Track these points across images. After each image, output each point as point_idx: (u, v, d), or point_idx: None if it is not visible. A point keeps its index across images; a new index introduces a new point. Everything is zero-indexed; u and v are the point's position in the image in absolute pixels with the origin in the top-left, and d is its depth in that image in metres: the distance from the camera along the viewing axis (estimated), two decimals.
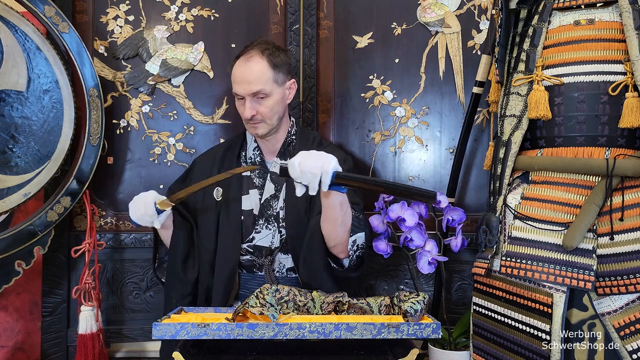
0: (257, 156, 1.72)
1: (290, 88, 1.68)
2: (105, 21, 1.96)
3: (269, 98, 1.60)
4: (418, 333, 1.27)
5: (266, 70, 1.59)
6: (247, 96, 1.59)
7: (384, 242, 1.64)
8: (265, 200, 1.67)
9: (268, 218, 1.66)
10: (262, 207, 1.67)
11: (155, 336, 1.27)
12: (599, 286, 1.27)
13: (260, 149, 1.73)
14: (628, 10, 1.32)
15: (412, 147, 1.99)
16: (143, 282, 1.97)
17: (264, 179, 1.70)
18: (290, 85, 1.68)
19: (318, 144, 1.73)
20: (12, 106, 1.67)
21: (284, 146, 1.71)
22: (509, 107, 1.48)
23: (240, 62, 1.61)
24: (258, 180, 1.70)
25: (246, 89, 1.58)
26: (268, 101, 1.60)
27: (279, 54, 1.63)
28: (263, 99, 1.60)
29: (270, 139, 1.69)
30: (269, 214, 1.66)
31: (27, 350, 1.93)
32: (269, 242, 1.65)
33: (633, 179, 1.31)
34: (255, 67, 1.58)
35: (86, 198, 1.79)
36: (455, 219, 1.64)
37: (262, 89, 1.58)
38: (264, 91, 1.58)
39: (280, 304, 1.37)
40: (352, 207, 1.53)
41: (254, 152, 1.72)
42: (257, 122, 1.62)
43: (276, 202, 1.67)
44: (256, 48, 1.61)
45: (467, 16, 1.96)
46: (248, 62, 1.59)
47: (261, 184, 1.69)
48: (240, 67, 1.60)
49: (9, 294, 1.89)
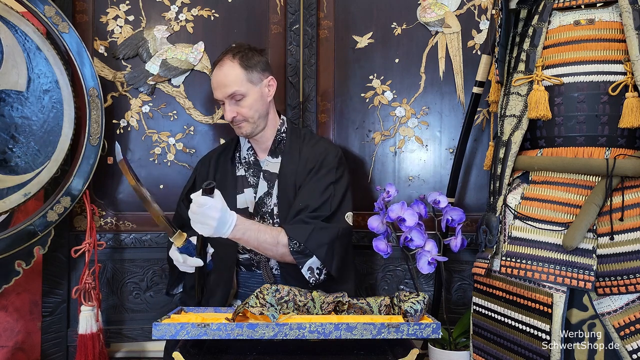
0: (251, 155, 1.76)
1: (270, 85, 1.71)
2: (105, 21, 1.96)
3: (247, 98, 1.65)
4: (418, 333, 1.27)
5: (238, 72, 1.64)
6: (225, 99, 1.66)
7: (384, 242, 1.64)
8: (260, 198, 1.70)
9: (263, 215, 1.69)
10: (257, 204, 1.70)
11: (155, 336, 1.27)
12: (599, 286, 1.27)
13: (254, 148, 1.76)
14: (628, 10, 1.32)
15: (412, 147, 1.99)
16: (143, 282, 1.97)
17: (257, 178, 1.72)
18: (268, 82, 1.71)
19: (308, 139, 1.76)
20: (12, 106, 1.67)
21: (274, 144, 1.74)
22: (509, 107, 1.48)
23: (215, 69, 1.68)
24: (252, 179, 1.73)
25: (222, 92, 1.65)
26: (246, 101, 1.65)
27: (252, 55, 1.68)
28: (240, 100, 1.65)
29: (259, 137, 1.73)
30: (264, 211, 1.69)
31: (27, 350, 1.93)
32: None
33: (633, 179, 1.31)
34: (227, 71, 1.64)
35: (86, 198, 1.79)
36: (455, 219, 1.64)
37: (237, 90, 1.63)
38: (239, 92, 1.63)
39: (280, 304, 1.37)
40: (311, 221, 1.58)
41: (248, 152, 1.76)
42: (240, 123, 1.67)
43: (270, 199, 1.69)
44: (228, 53, 1.67)
45: (467, 16, 1.96)
46: (221, 67, 1.66)
47: (255, 182, 1.72)
48: (216, 73, 1.67)
49: (9, 294, 1.89)
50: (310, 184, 1.64)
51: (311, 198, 1.62)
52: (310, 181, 1.65)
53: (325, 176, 1.66)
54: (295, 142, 1.74)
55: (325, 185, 1.64)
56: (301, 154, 1.71)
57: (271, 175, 1.71)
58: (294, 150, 1.73)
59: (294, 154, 1.72)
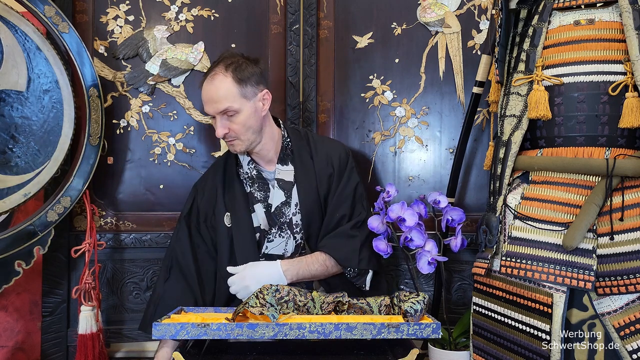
0: (252, 169, 1.69)
1: (264, 99, 1.62)
2: (105, 21, 1.96)
3: (240, 114, 1.56)
4: (418, 333, 1.27)
5: (231, 87, 1.54)
6: (216, 115, 1.56)
7: (384, 242, 1.64)
8: (277, 208, 1.66)
9: (281, 226, 1.65)
10: (274, 215, 1.66)
11: (155, 336, 1.27)
12: (599, 286, 1.27)
13: (255, 161, 1.70)
14: (628, 10, 1.32)
15: (412, 147, 1.99)
16: (143, 282, 1.97)
17: (265, 192, 1.68)
18: (262, 96, 1.61)
19: (313, 140, 1.74)
20: (12, 106, 1.67)
21: (282, 151, 1.69)
22: (509, 107, 1.48)
23: (206, 81, 1.57)
24: (259, 193, 1.68)
25: (214, 107, 1.55)
26: (239, 117, 1.56)
27: (246, 66, 1.58)
28: (233, 116, 1.56)
29: (258, 151, 1.66)
30: (282, 221, 1.65)
31: (27, 350, 1.93)
32: (282, 250, 1.65)
33: (633, 179, 1.31)
34: (220, 85, 1.54)
35: (86, 198, 1.79)
36: (455, 219, 1.64)
37: (230, 107, 1.54)
38: (231, 108, 1.54)
39: (280, 304, 1.37)
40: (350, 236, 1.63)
41: (249, 166, 1.70)
42: (232, 140, 1.59)
43: (288, 209, 1.66)
44: (220, 64, 1.57)
45: (467, 16, 1.96)
46: (213, 80, 1.55)
47: (263, 196, 1.68)
48: (206, 86, 1.57)
49: (9, 294, 1.89)
50: (339, 191, 1.65)
51: (345, 206, 1.64)
52: (338, 188, 1.66)
53: (350, 179, 1.67)
54: (302, 146, 1.70)
55: (353, 188, 1.66)
56: (313, 159, 1.68)
57: (286, 183, 1.66)
58: (304, 155, 1.69)
59: (305, 159, 1.68)
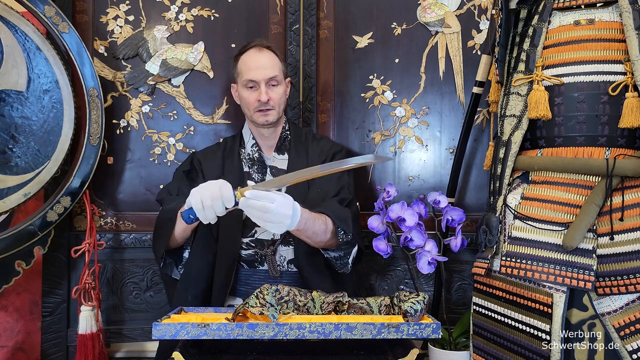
0: (255, 152, 1.75)
1: (288, 86, 1.79)
2: (105, 21, 1.96)
3: (279, 86, 1.70)
4: (418, 333, 1.27)
5: (277, 60, 1.71)
6: (262, 81, 1.66)
7: (384, 242, 1.64)
8: None
9: None
10: None
11: (155, 336, 1.27)
12: (599, 286, 1.27)
13: (259, 145, 1.76)
14: (628, 10, 1.32)
15: (412, 147, 1.99)
16: (143, 282, 1.97)
17: (263, 174, 1.72)
18: (287, 82, 1.78)
19: (312, 137, 1.80)
20: (12, 106, 1.67)
21: (280, 141, 1.76)
22: (509, 107, 1.48)
23: (252, 52, 1.69)
24: (257, 175, 1.73)
25: (263, 73, 1.65)
26: (279, 89, 1.70)
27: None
28: (275, 87, 1.69)
29: (271, 132, 1.75)
30: None
31: (27, 350, 1.93)
32: (271, 235, 1.66)
33: (633, 179, 1.31)
34: (268, 56, 1.69)
35: (86, 198, 1.79)
36: (455, 219, 1.64)
37: (277, 76, 1.68)
38: (277, 78, 1.68)
39: (280, 304, 1.37)
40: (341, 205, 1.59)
41: (252, 149, 1.76)
42: (269, 109, 1.68)
43: None
44: (263, 43, 1.71)
45: (467, 16, 1.96)
46: (261, 51, 1.69)
47: (260, 179, 1.72)
48: (254, 55, 1.68)
49: (9, 294, 1.89)
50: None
51: (329, 185, 1.65)
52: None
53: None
54: (300, 140, 1.77)
55: (339, 173, 1.66)
56: (308, 151, 1.74)
57: (279, 171, 1.72)
58: (300, 147, 1.75)
59: (300, 150, 1.74)
